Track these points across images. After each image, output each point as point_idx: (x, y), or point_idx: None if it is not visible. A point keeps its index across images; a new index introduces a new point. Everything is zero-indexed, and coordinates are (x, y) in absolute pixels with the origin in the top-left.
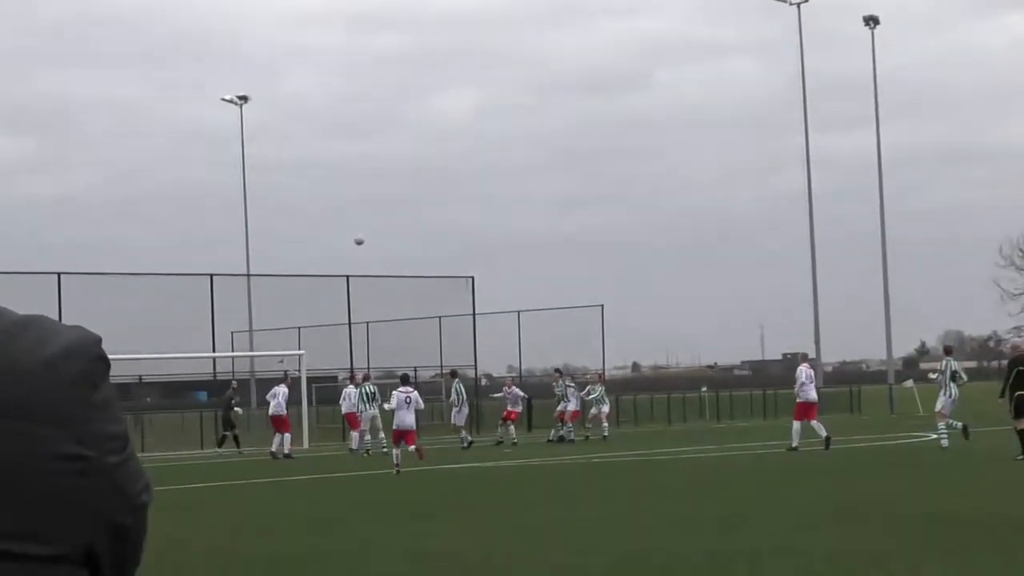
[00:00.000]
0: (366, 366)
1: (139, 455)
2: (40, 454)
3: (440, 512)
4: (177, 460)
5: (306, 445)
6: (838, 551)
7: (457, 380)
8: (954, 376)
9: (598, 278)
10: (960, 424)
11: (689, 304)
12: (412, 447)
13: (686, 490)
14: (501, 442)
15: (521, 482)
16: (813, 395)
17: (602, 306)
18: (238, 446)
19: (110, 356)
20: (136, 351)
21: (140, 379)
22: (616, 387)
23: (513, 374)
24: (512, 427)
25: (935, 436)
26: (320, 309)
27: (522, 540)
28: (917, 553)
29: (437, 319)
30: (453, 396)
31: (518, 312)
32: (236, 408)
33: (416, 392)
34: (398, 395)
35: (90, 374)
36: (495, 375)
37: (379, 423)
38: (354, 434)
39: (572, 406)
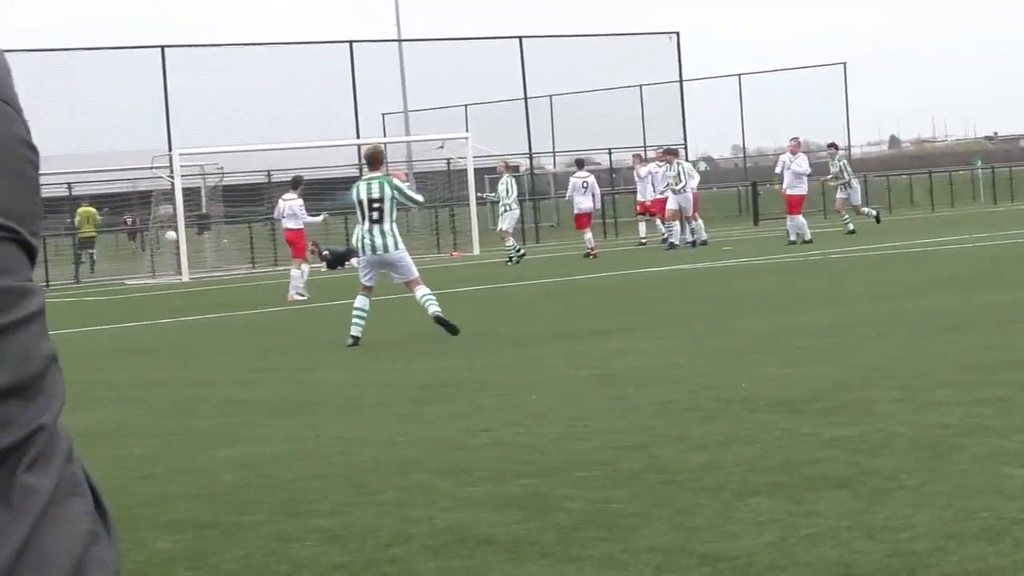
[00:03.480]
0: (550, 150)
1: (268, 270)
2: (16, 136)
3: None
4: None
5: (476, 251)
6: None
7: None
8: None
9: (840, 32)
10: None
11: (960, 64)
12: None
13: (950, 285)
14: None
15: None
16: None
17: (844, 64)
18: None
19: (228, 149)
20: (261, 142)
21: (269, 176)
22: (868, 166)
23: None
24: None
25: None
26: (489, 81)
27: (730, 353)
28: None
29: (637, 88)
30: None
31: (738, 76)
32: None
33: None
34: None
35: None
36: (715, 157)
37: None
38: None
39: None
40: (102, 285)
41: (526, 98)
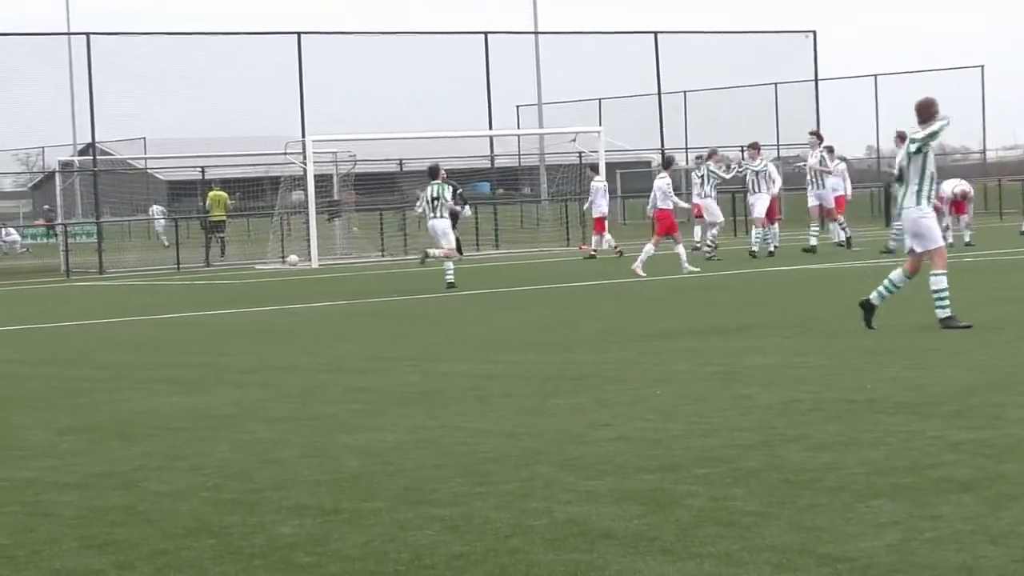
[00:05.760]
0: (683, 146)
1: (398, 259)
2: None
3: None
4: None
5: (605, 245)
6: None
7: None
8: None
9: (977, 32)
10: None
11: None
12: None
13: None
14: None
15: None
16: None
17: (982, 67)
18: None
19: (361, 136)
20: (394, 131)
21: (401, 165)
22: (1004, 170)
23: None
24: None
25: None
26: (624, 75)
27: (857, 354)
28: None
29: (772, 86)
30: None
31: (875, 76)
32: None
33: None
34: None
35: None
36: (849, 158)
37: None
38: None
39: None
40: (232, 269)
41: (660, 93)
